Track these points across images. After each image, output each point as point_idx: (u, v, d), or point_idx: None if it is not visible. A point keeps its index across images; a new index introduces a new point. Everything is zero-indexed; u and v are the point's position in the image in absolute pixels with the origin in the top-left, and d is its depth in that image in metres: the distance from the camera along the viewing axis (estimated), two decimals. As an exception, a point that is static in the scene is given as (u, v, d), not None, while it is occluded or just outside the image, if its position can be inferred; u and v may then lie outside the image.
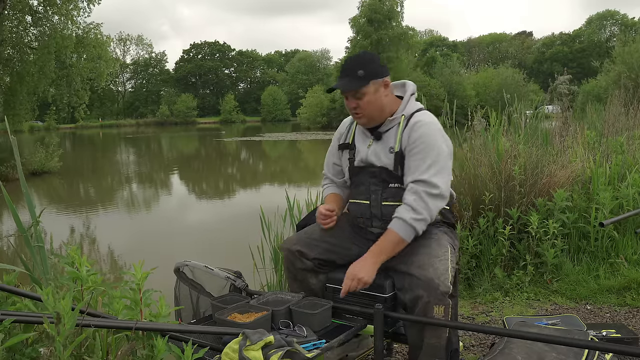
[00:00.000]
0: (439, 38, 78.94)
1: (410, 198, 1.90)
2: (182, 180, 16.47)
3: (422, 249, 1.92)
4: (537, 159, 3.88)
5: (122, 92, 78.20)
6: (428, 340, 1.83)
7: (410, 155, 1.95)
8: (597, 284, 3.40)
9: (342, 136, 2.21)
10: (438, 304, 1.77)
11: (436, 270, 1.82)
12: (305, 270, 2.07)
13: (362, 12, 46.81)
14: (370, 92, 1.97)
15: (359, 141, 2.12)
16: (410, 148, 1.95)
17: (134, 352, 1.38)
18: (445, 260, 1.89)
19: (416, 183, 1.90)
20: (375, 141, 2.05)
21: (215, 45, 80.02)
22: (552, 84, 8.44)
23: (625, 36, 28.86)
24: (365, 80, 1.96)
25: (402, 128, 1.99)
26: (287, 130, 45.97)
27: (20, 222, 2.44)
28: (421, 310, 1.79)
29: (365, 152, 2.07)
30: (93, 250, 7.47)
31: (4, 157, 14.43)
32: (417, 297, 1.80)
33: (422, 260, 1.87)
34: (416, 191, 1.89)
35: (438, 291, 1.78)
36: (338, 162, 2.23)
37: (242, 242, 4.14)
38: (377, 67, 2.00)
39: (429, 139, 1.94)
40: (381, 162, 2.02)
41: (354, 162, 2.12)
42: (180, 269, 2.32)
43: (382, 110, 2.01)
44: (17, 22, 18.48)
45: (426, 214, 1.89)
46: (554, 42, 72.30)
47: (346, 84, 1.99)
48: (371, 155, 2.05)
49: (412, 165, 1.94)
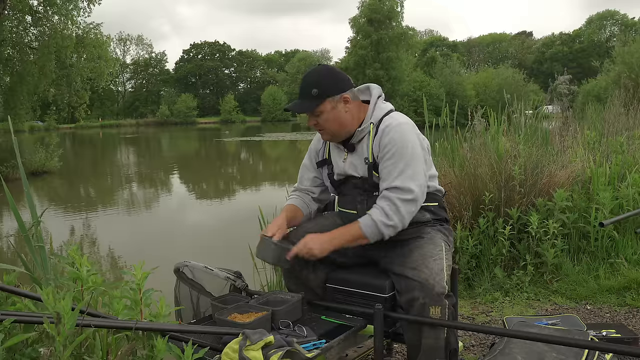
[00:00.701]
0: (439, 38, 78.93)
1: (383, 203, 1.88)
2: (182, 181, 16.47)
3: (415, 250, 1.91)
4: (537, 159, 3.88)
5: (122, 92, 78.22)
6: (426, 340, 1.82)
7: (382, 162, 1.92)
8: (597, 284, 3.40)
9: (317, 153, 2.19)
10: (434, 305, 1.76)
11: (431, 271, 1.82)
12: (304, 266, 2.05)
13: (362, 12, 46.82)
14: (327, 110, 1.93)
15: (335, 155, 2.10)
16: (382, 155, 1.92)
17: (134, 352, 1.38)
18: (440, 259, 1.88)
19: (389, 190, 1.88)
20: (350, 153, 2.03)
21: (215, 45, 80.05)
22: (552, 84, 8.45)
23: (625, 36, 28.84)
24: (319, 99, 1.92)
25: (372, 136, 1.96)
26: (287, 130, 45.95)
27: (22, 222, 2.44)
28: (417, 311, 1.79)
29: (342, 166, 2.06)
30: (93, 250, 7.47)
31: (4, 157, 14.42)
32: (412, 299, 1.79)
33: (416, 261, 1.86)
34: (389, 197, 1.87)
35: (433, 292, 1.77)
36: (319, 176, 2.19)
37: (242, 242, 4.14)
38: (333, 83, 1.95)
39: (399, 142, 1.89)
40: (358, 173, 2.01)
41: (334, 177, 2.11)
42: (180, 269, 2.32)
43: (343, 126, 1.97)
44: (17, 22, 18.49)
45: (397, 220, 1.86)
46: (554, 42, 72.30)
47: (299, 105, 1.97)
48: (348, 169, 2.03)
49: (384, 172, 1.91)
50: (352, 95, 1.99)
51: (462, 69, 52.30)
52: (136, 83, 78.87)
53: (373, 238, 1.90)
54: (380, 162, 1.94)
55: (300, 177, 2.25)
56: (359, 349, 2.11)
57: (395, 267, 1.91)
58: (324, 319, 1.87)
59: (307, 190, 2.23)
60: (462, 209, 3.74)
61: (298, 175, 2.27)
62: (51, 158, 16.45)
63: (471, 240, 3.52)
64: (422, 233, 1.99)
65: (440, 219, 2.07)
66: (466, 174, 3.93)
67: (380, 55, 45.39)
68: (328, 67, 2.04)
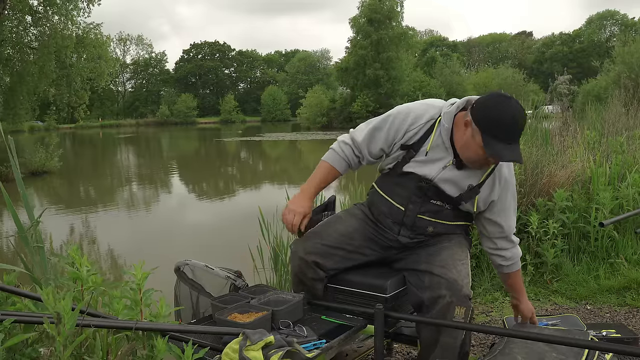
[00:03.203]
0: (439, 38, 78.92)
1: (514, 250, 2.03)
2: (182, 180, 16.47)
3: (444, 251, 1.90)
4: (537, 159, 3.88)
5: (122, 92, 78.26)
6: (444, 339, 1.79)
7: (503, 198, 1.92)
8: (597, 284, 3.40)
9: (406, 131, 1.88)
10: (460, 305, 1.76)
11: (459, 272, 1.82)
12: (316, 279, 1.99)
13: (362, 12, 46.81)
14: None
15: (435, 152, 1.85)
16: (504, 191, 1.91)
17: (134, 352, 1.38)
18: (467, 264, 1.89)
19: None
20: (455, 167, 1.84)
21: (215, 45, 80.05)
22: (552, 84, 8.45)
23: (625, 36, 28.80)
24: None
25: (490, 172, 1.87)
26: (287, 130, 45.96)
27: (20, 223, 2.43)
28: (441, 309, 1.77)
29: (434, 170, 1.85)
30: (93, 250, 7.47)
31: (3, 157, 14.42)
32: (438, 296, 1.78)
33: (445, 260, 1.86)
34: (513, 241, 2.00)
35: (461, 293, 1.77)
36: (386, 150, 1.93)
37: (241, 242, 4.14)
38: None
39: (514, 191, 1.97)
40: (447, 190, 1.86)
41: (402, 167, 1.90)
42: (181, 268, 2.32)
43: None
44: (17, 22, 18.50)
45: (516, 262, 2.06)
46: (554, 42, 72.28)
47: (518, 155, 1.71)
48: (441, 180, 1.85)
49: (505, 208, 1.94)
50: None
51: (462, 69, 52.33)
52: (136, 83, 78.92)
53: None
54: (500, 198, 1.91)
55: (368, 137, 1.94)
56: (359, 348, 2.11)
57: (423, 264, 1.88)
58: (324, 319, 1.87)
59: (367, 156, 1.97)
60: (462, 209, 3.73)
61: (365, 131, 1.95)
62: (51, 158, 16.43)
63: (471, 240, 3.52)
64: (452, 236, 1.98)
65: (467, 226, 2.05)
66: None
67: (380, 55, 45.40)
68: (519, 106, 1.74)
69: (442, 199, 1.89)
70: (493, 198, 1.90)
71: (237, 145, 30.65)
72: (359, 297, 1.96)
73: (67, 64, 18.99)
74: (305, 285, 2.03)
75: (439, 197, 1.88)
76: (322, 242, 1.98)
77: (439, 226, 1.93)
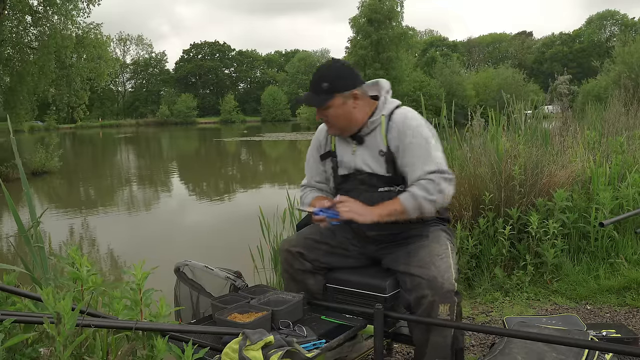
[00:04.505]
0: (439, 38, 78.92)
1: (422, 181, 1.86)
2: (182, 181, 16.47)
3: (422, 250, 1.91)
4: (537, 159, 3.88)
5: (122, 92, 78.24)
6: (433, 338, 1.82)
7: (408, 150, 1.90)
8: (597, 284, 3.40)
9: (321, 145, 2.14)
10: (443, 302, 1.77)
11: (438, 269, 1.82)
12: (304, 271, 2.07)
13: (362, 12, 46.80)
14: (336, 105, 1.93)
15: (341, 148, 2.06)
16: (405, 143, 1.90)
17: (134, 352, 1.38)
18: (447, 257, 1.88)
19: (430, 174, 1.85)
20: (359, 145, 2.01)
21: (215, 45, 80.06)
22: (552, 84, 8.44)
23: (625, 36, 28.83)
24: (329, 94, 1.91)
25: (385, 128, 1.95)
26: (287, 130, 45.95)
27: (21, 223, 2.44)
28: (426, 309, 1.79)
29: (351, 158, 2.02)
30: (93, 250, 7.47)
31: (4, 157, 14.43)
32: (421, 297, 1.80)
33: (423, 259, 1.87)
34: (428, 178, 1.85)
35: (443, 289, 1.78)
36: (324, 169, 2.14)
37: (241, 243, 4.15)
38: (344, 79, 1.95)
39: (422, 131, 1.91)
40: (370, 167, 1.98)
41: (337, 171, 2.07)
42: (181, 269, 2.32)
43: (351, 122, 1.96)
44: (17, 22, 18.50)
45: (438, 196, 1.84)
46: (554, 42, 72.33)
47: (309, 98, 1.96)
48: (358, 162, 2.00)
49: (413, 158, 1.89)
50: (361, 92, 1.98)
51: (462, 69, 52.30)
52: (136, 83, 78.90)
53: (413, 212, 1.86)
54: (402, 153, 1.92)
55: (309, 173, 2.19)
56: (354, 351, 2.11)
57: (401, 265, 1.91)
58: (324, 319, 1.87)
59: (320, 183, 2.17)
60: (462, 209, 3.74)
61: (305, 171, 2.20)
62: (51, 158, 16.45)
63: (471, 240, 3.52)
64: (427, 232, 1.99)
65: (443, 218, 2.07)
66: (466, 174, 3.93)
67: (380, 55, 45.41)
68: (340, 62, 2.02)
69: (385, 182, 1.96)
70: (400, 146, 1.93)
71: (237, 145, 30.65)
72: (359, 297, 1.97)
73: (67, 64, 18.99)
74: (295, 282, 2.09)
75: (382, 181, 1.96)
76: (307, 237, 2.10)
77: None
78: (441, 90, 39.90)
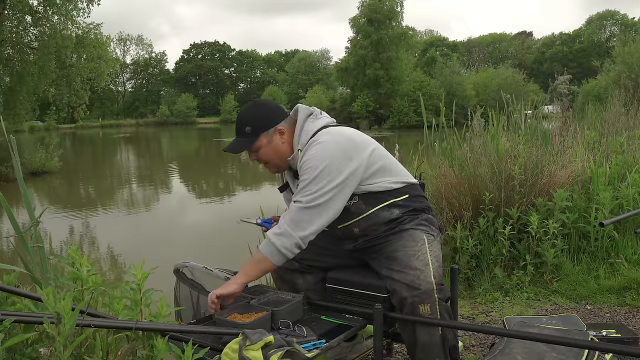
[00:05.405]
0: (439, 38, 78.87)
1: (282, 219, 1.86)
2: (182, 181, 16.47)
3: (398, 252, 1.92)
4: (537, 159, 3.88)
5: (122, 92, 78.20)
6: (420, 337, 1.84)
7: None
8: (597, 284, 3.40)
9: (278, 178, 2.17)
10: (423, 303, 1.78)
11: (415, 270, 1.83)
12: (292, 270, 2.09)
13: (362, 12, 46.77)
14: (264, 145, 1.94)
15: (290, 180, 2.09)
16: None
17: (134, 352, 1.38)
18: (423, 254, 1.87)
19: (294, 203, 1.85)
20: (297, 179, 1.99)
21: (215, 45, 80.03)
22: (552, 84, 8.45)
23: (625, 36, 28.84)
24: (254, 136, 1.92)
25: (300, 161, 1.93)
26: (287, 130, 45.80)
27: (16, 223, 2.44)
28: (408, 310, 1.81)
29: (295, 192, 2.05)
30: (93, 250, 7.48)
31: (4, 157, 14.43)
32: (402, 299, 1.82)
33: (400, 262, 1.88)
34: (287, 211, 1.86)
35: (420, 290, 1.79)
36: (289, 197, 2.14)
37: (241, 243, 4.14)
38: (265, 117, 1.94)
39: (312, 161, 1.83)
40: None
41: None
42: (180, 270, 2.32)
43: (282, 157, 1.97)
44: (17, 22, 18.50)
45: (286, 227, 1.81)
46: (554, 42, 72.28)
47: (236, 144, 1.96)
48: None
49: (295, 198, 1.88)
50: (286, 126, 1.97)
51: (462, 69, 52.24)
52: (136, 83, 78.86)
53: (273, 257, 1.82)
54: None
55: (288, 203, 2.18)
56: (353, 352, 2.12)
57: (383, 269, 1.93)
58: (324, 319, 1.87)
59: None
60: (462, 209, 3.74)
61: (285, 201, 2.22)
62: (51, 158, 16.46)
63: (471, 240, 3.52)
64: (400, 230, 1.95)
65: (413, 209, 1.99)
66: (466, 174, 3.93)
67: (380, 55, 45.38)
68: (259, 102, 2.03)
69: None
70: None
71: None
72: (358, 297, 1.97)
73: (67, 64, 18.99)
74: (284, 281, 2.12)
75: None
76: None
77: (360, 223, 1.97)
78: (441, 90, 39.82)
